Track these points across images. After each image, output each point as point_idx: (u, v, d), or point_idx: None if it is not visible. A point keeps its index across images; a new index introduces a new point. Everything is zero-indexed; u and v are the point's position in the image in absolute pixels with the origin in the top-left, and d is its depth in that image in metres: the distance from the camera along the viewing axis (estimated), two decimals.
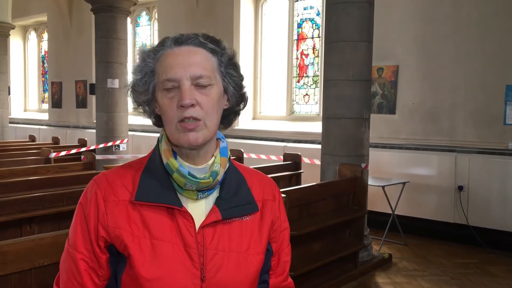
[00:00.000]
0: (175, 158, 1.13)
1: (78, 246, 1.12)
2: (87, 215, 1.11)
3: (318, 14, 7.74)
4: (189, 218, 1.09)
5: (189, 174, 1.09)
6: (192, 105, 1.06)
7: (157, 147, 1.17)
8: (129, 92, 1.17)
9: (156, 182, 1.11)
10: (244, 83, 1.21)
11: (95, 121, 8.34)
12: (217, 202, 1.13)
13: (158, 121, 1.18)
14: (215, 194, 1.15)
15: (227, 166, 1.16)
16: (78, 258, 1.11)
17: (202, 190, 1.12)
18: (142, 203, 1.09)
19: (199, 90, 1.08)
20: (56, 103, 11.85)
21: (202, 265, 1.08)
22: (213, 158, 1.15)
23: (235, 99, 1.18)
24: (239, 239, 1.13)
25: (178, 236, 1.08)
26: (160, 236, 1.08)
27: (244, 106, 1.23)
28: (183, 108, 1.06)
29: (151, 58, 1.12)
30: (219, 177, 1.13)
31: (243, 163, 2.42)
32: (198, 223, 1.10)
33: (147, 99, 1.14)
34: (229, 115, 1.20)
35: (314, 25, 7.82)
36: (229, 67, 1.15)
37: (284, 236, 1.27)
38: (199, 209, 1.12)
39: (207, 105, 1.08)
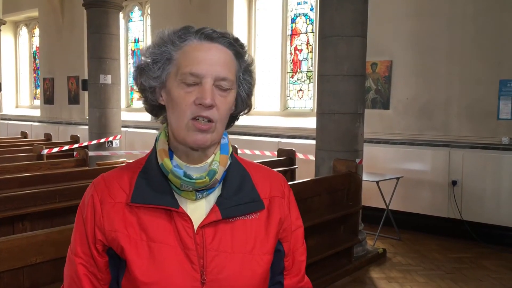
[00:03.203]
0: (171, 158, 1.09)
1: (77, 251, 1.09)
2: (85, 219, 1.09)
3: (312, 9, 7.72)
4: (186, 219, 1.05)
5: (185, 174, 1.05)
6: (211, 106, 1.02)
7: (154, 147, 1.13)
8: (137, 73, 1.10)
9: (152, 183, 1.07)
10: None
11: (87, 117, 8.28)
12: (218, 201, 1.08)
13: (156, 111, 1.13)
14: (216, 193, 1.10)
15: (228, 164, 1.12)
16: (77, 263, 1.09)
17: (200, 190, 1.07)
18: (139, 205, 1.06)
19: (219, 92, 1.04)
20: (48, 99, 11.76)
21: (202, 267, 1.04)
22: (213, 156, 1.10)
23: (243, 106, 1.15)
24: (243, 239, 1.08)
25: (176, 238, 1.05)
26: (158, 238, 1.04)
27: (247, 112, 1.20)
28: (201, 107, 1.02)
29: (174, 45, 1.06)
30: (218, 176, 1.08)
31: None
32: (198, 223, 1.06)
33: (155, 86, 1.09)
34: (230, 120, 1.17)
35: (308, 20, 7.80)
36: (246, 73, 1.12)
37: (297, 235, 1.21)
38: (199, 210, 1.08)
39: (223, 108, 1.05)
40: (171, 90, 1.06)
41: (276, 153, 6.50)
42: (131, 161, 1.27)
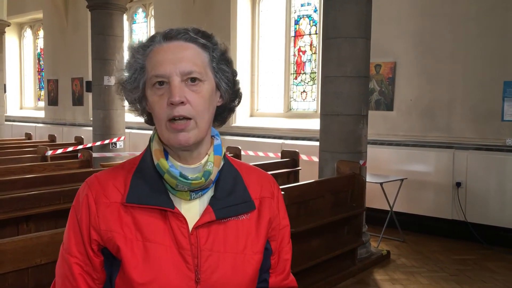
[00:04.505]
0: (167, 158, 1.09)
1: (72, 250, 1.09)
2: (79, 219, 1.09)
3: (315, 11, 7.72)
4: (182, 219, 1.06)
5: (181, 175, 1.06)
6: (182, 103, 1.02)
7: (148, 147, 1.14)
8: (119, 89, 1.13)
9: (147, 183, 1.08)
10: (239, 78, 1.17)
11: (91, 118, 8.31)
12: (212, 202, 1.09)
13: (151, 119, 1.14)
14: (210, 193, 1.11)
15: (221, 165, 1.13)
16: (72, 262, 1.08)
17: (195, 190, 1.09)
18: (134, 205, 1.06)
19: (190, 87, 1.04)
20: (52, 100, 11.80)
21: (197, 267, 1.05)
22: (207, 156, 1.11)
23: (229, 96, 1.14)
24: (235, 239, 1.10)
25: (171, 238, 1.05)
26: (153, 238, 1.05)
27: (239, 102, 1.19)
28: (172, 106, 1.02)
29: (140, 54, 1.09)
30: (212, 177, 1.09)
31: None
32: (192, 224, 1.07)
33: (137, 97, 1.11)
34: (223, 112, 1.17)
35: (311, 21, 7.79)
36: (221, 63, 1.11)
37: (284, 234, 1.23)
38: (193, 210, 1.09)
39: (197, 103, 1.04)
40: (148, 97, 1.08)
41: (279, 154, 6.49)
42: None
